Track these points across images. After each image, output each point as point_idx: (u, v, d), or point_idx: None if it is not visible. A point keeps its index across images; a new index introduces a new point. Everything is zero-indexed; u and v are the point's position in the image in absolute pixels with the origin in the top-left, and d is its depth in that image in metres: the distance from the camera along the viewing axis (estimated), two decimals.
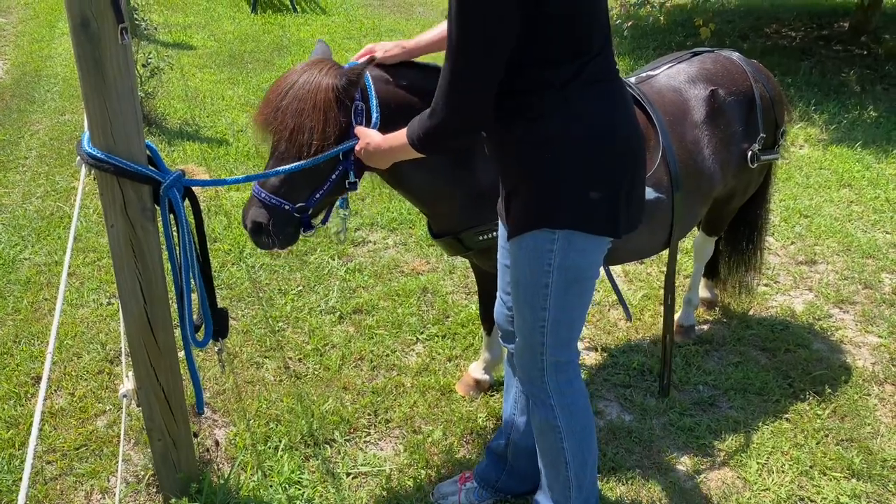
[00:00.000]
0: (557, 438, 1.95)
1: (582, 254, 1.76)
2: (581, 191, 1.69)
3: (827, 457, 2.56)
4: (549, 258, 1.74)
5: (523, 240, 1.77)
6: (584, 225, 1.71)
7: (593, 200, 1.69)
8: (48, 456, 2.49)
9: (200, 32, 8.36)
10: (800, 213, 4.30)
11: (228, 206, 4.25)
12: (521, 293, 1.85)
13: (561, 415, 1.93)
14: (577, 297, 1.82)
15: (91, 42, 1.66)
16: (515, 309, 1.90)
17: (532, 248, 1.76)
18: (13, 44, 7.81)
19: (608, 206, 1.71)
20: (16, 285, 3.46)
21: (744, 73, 2.62)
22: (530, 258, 1.77)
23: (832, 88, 6.57)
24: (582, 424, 1.96)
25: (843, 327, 3.31)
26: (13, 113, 5.76)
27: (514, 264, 1.83)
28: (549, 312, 1.81)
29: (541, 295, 1.79)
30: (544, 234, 1.72)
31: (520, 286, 1.84)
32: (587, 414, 1.98)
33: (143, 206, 1.86)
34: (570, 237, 1.72)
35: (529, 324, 1.86)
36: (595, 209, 1.70)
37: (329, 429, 2.65)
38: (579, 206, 1.69)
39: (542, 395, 1.93)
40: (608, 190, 1.70)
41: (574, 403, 1.94)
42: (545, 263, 1.75)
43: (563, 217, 1.70)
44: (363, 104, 2.01)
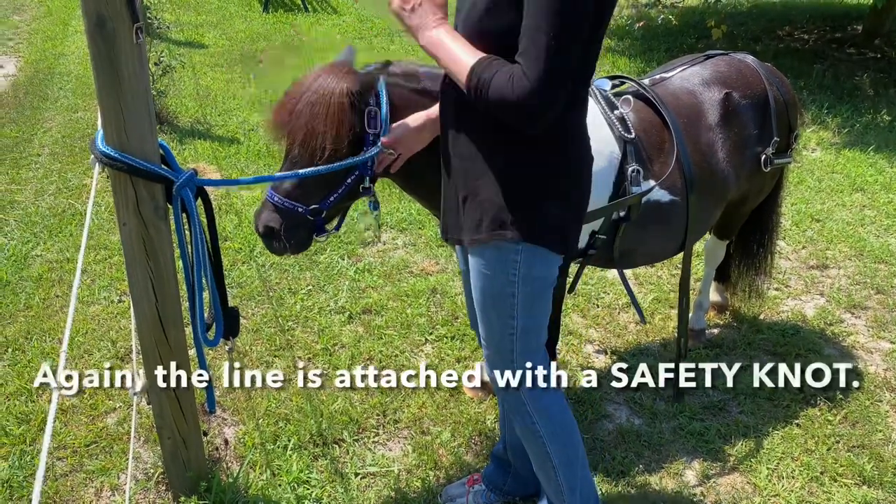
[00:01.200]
0: (540, 443, 1.95)
1: (546, 266, 1.76)
2: (541, 203, 1.68)
3: (838, 463, 2.55)
4: (514, 269, 1.73)
5: (486, 249, 1.74)
6: (550, 242, 1.71)
7: (553, 215, 1.69)
8: (59, 452, 2.51)
9: (212, 31, 8.39)
10: (811, 218, 4.28)
11: (239, 204, 4.27)
12: (488, 303, 1.82)
13: (539, 419, 1.92)
14: (542, 303, 1.82)
15: (106, 42, 1.67)
16: (481, 319, 1.87)
17: (496, 258, 1.73)
18: (27, 41, 7.86)
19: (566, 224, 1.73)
20: (28, 282, 3.48)
21: (758, 76, 2.61)
22: (494, 268, 1.75)
23: (845, 92, 6.53)
24: (561, 426, 1.95)
25: (854, 333, 3.29)
26: (26, 110, 5.80)
27: (476, 274, 1.80)
28: (518, 321, 1.80)
29: (507, 305, 1.78)
30: (508, 245, 1.70)
31: (485, 296, 1.81)
32: (565, 415, 1.97)
33: (155, 204, 1.87)
34: (534, 250, 1.71)
35: (498, 333, 1.84)
36: (552, 224, 1.70)
37: (338, 429, 2.65)
38: (547, 221, 1.70)
39: (518, 403, 1.92)
40: (569, 208, 1.73)
41: (550, 406, 1.93)
42: (510, 274, 1.73)
43: (532, 232, 1.69)
44: (377, 109, 2.01)
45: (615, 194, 2.23)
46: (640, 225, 2.31)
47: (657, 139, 2.33)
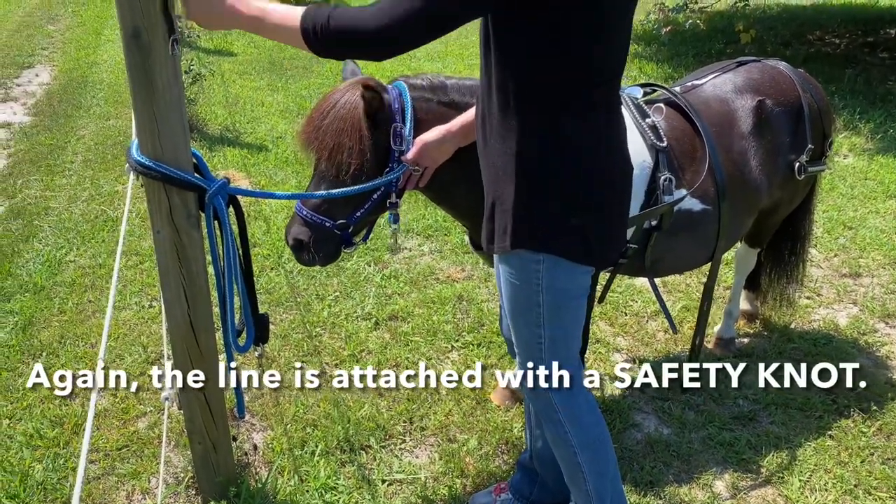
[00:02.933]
0: (572, 453, 1.93)
1: (570, 277, 1.74)
2: (570, 217, 1.67)
3: (872, 476, 2.50)
4: (537, 277, 1.72)
5: (511, 257, 1.74)
6: (570, 253, 1.70)
7: (573, 228, 1.67)
8: (91, 456, 2.54)
9: (241, 39, 8.50)
10: (844, 225, 4.21)
11: (268, 211, 4.31)
12: (515, 311, 1.82)
13: (571, 429, 1.90)
14: (570, 314, 1.81)
15: (141, 52, 1.70)
16: (512, 326, 1.88)
17: (519, 266, 1.74)
18: (61, 51, 8.02)
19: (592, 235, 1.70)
20: (61, 287, 3.55)
21: (791, 82, 2.58)
22: (520, 277, 1.75)
23: (878, 97, 6.42)
24: (593, 436, 1.94)
25: (889, 342, 3.23)
26: (60, 118, 5.91)
27: (503, 282, 1.82)
28: (545, 330, 1.79)
29: (534, 313, 1.78)
30: (530, 255, 1.70)
31: (512, 303, 1.82)
32: (598, 425, 1.95)
33: (188, 212, 1.90)
34: (556, 261, 1.70)
35: (527, 340, 1.84)
36: (581, 237, 1.68)
37: (365, 435, 2.66)
38: (567, 232, 1.68)
39: (549, 411, 1.91)
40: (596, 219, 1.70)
41: (582, 415, 1.92)
42: (534, 282, 1.73)
43: (551, 242, 1.68)
44: (402, 125, 2.02)
45: (647, 203, 2.22)
46: (672, 234, 2.29)
47: (689, 147, 2.32)
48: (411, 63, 7.49)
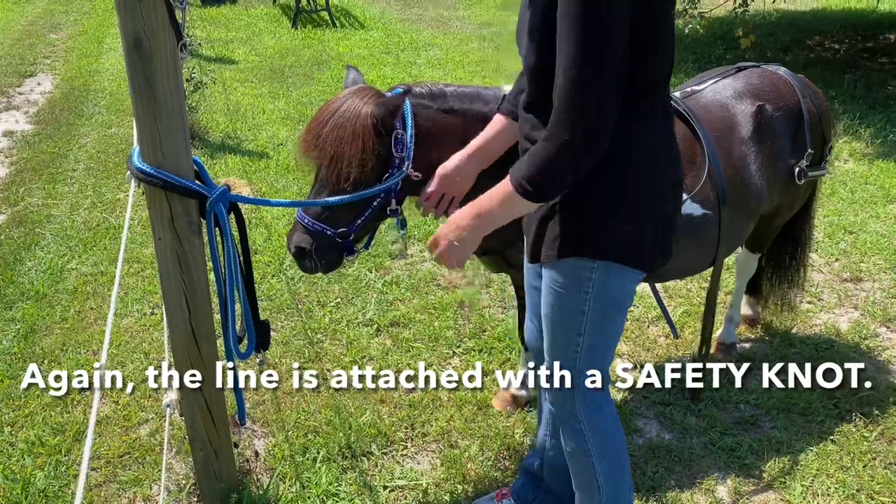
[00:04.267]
0: (589, 463, 1.92)
1: (620, 284, 1.73)
2: (626, 223, 1.65)
3: (875, 480, 2.49)
4: (588, 286, 1.70)
5: (561, 265, 1.72)
6: (627, 258, 1.68)
7: (637, 234, 1.66)
8: (93, 463, 2.54)
9: (242, 47, 8.53)
10: (844, 230, 4.21)
11: (269, 218, 4.32)
12: (556, 318, 1.80)
13: (592, 439, 1.89)
14: (613, 324, 1.79)
15: (143, 60, 1.71)
16: (547, 333, 1.85)
17: (570, 274, 1.72)
18: (63, 59, 8.05)
19: (650, 240, 1.69)
20: (63, 294, 3.55)
21: (791, 88, 2.58)
22: (568, 284, 1.73)
23: (878, 102, 6.43)
24: (613, 448, 1.92)
25: (890, 347, 3.22)
26: (62, 126, 5.93)
27: (548, 289, 1.79)
28: (584, 338, 1.77)
29: (577, 321, 1.76)
30: (584, 262, 1.69)
31: (554, 310, 1.80)
32: (619, 437, 1.94)
33: (189, 219, 1.90)
34: (609, 267, 1.69)
35: (562, 349, 1.82)
36: (637, 243, 1.67)
37: (366, 441, 2.66)
38: (623, 238, 1.66)
39: (573, 420, 1.89)
40: (653, 224, 1.68)
41: (605, 427, 1.90)
42: (583, 291, 1.71)
43: (608, 248, 1.66)
44: (403, 132, 2.03)
45: None
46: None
47: (689, 153, 2.32)
48: (412, 70, 7.51)
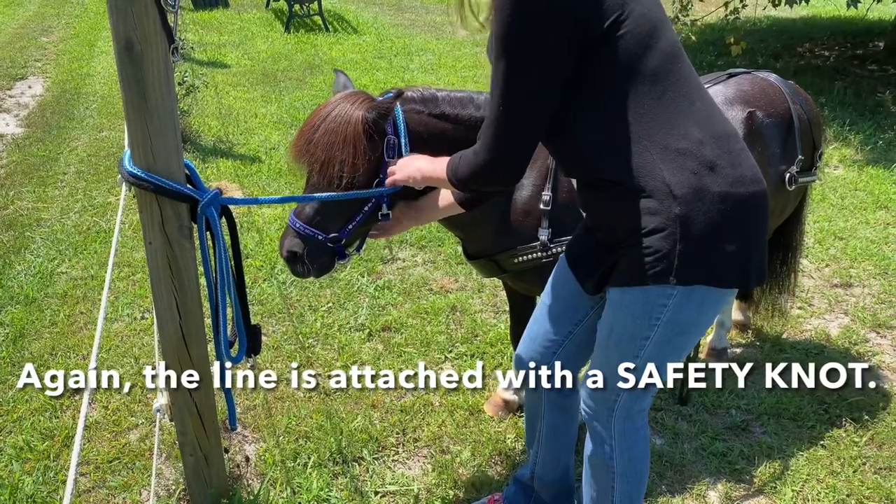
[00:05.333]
0: (609, 479, 1.88)
1: (699, 308, 1.64)
2: (716, 244, 1.56)
3: (864, 486, 2.50)
4: (661, 312, 1.62)
5: (631, 291, 1.64)
6: (715, 279, 1.60)
7: (726, 253, 1.57)
8: (82, 468, 2.53)
9: (234, 51, 8.52)
10: (834, 235, 4.24)
11: (261, 222, 4.31)
12: (614, 340, 1.73)
13: (619, 458, 1.85)
14: (676, 350, 1.72)
15: (134, 64, 1.70)
16: (601, 350, 1.79)
17: (642, 301, 1.63)
18: (54, 62, 8.02)
19: (740, 257, 1.59)
20: (53, 298, 3.53)
21: (781, 94, 2.60)
22: (636, 310, 1.65)
23: (867, 108, 6.48)
24: (637, 469, 1.89)
25: (880, 352, 3.24)
26: (53, 129, 5.91)
27: (613, 312, 1.71)
28: (639, 360, 1.70)
29: (637, 345, 1.69)
30: (662, 290, 1.59)
31: (613, 333, 1.72)
32: (645, 459, 1.90)
33: (180, 223, 1.89)
34: (692, 293, 1.60)
35: (613, 367, 1.75)
36: (726, 262, 1.58)
37: (357, 446, 2.65)
38: (713, 260, 1.58)
39: (605, 435, 1.85)
40: (740, 240, 1.59)
41: (634, 448, 1.86)
42: (654, 318, 1.63)
43: (694, 273, 1.57)
44: (395, 138, 2.02)
45: None
46: None
47: None
48: (405, 75, 7.51)
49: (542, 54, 1.49)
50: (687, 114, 1.57)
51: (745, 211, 1.59)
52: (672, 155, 1.54)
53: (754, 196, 1.61)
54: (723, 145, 1.59)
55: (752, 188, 1.61)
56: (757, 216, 1.63)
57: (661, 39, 1.57)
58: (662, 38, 1.57)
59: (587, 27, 1.49)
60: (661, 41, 1.56)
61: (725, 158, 1.58)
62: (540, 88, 1.53)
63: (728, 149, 1.60)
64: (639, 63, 1.54)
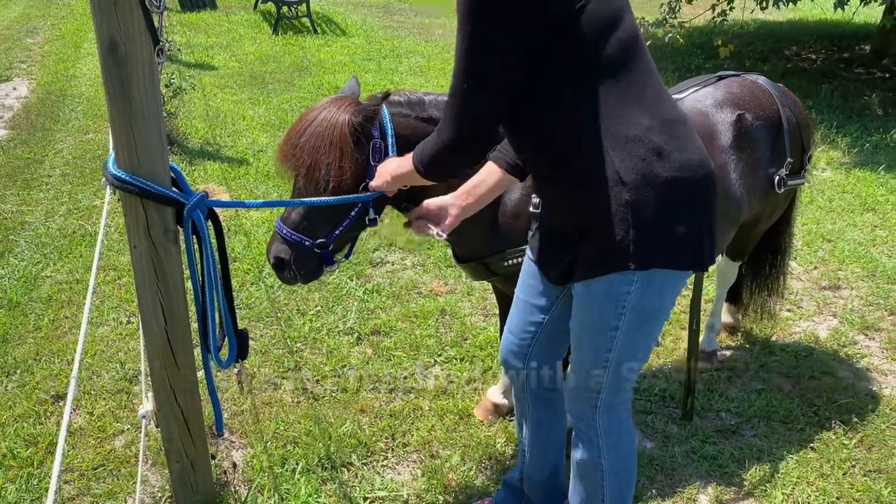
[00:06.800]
0: (598, 477, 1.88)
1: (661, 293, 1.67)
2: (667, 227, 1.60)
3: (854, 488, 2.50)
4: (625, 300, 1.65)
5: (595, 283, 1.66)
6: (671, 262, 1.63)
7: (678, 236, 1.61)
8: (66, 475, 2.49)
9: (222, 53, 8.47)
10: (823, 238, 4.25)
11: (248, 225, 4.27)
12: (585, 334, 1.75)
13: (606, 454, 1.86)
14: (646, 336, 1.74)
15: (118, 65, 1.68)
16: (575, 348, 1.81)
17: (606, 290, 1.65)
18: (39, 64, 7.95)
19: (692, 239, 1.63)
20: (37, 303, 3.49)
21: (770, 97, 2.60)
22: (602, 301, 1.67)
23: (854, 111, 6.52)
24: (625, 465, 1.89)
25: (868, 354, 3.25)
26: (38, 132, 5.85)
27: (581, 307, 1.73)
28: (614, 354, 1.72)
29: (608, 337, 1.71)
30: (623, 277, 1.62)
31: (584, 327, 1.75)
32: (632, 454, 1.91)
33: (166, 227, 1.87)
34: (651, 277, 1.62)
35: (589, 364, 1.77)
36: (679, 244, 1.62)
37: (346, 452, 2.62)
38: (666, 243, 1.61)
39: (591, 434, 1.85)
40: (691, 223, 1.63)
41: (620, 443, 1.87)
42: (619, 306, 1.66)
43: (650, 257, 1.60)
44: (381, 141, 2.01)
45: None
46: None
47: None
48: (394, 77, 7.50)
49: (507, 28, 1.48)
50: (637, 101, 1.58)
51: (693, 194, 1.63)
52: (622, 142, 1.56)
53: (703, 180, 1.65)
54: (670, 130, 1.61)
55: (700, 172, 1.64)
56: (706, 199, 1.67)
57: (619, 27, 1.56)
58: (621, 25, 1.57)
59: (550, 4, 1.48)
60: (619, 29, 1.56)
61: (673, 143, 1.60)
62: (503, 64, 1.51)
63: (675, 134, 1.62)
64: (595, 51, 1.53)
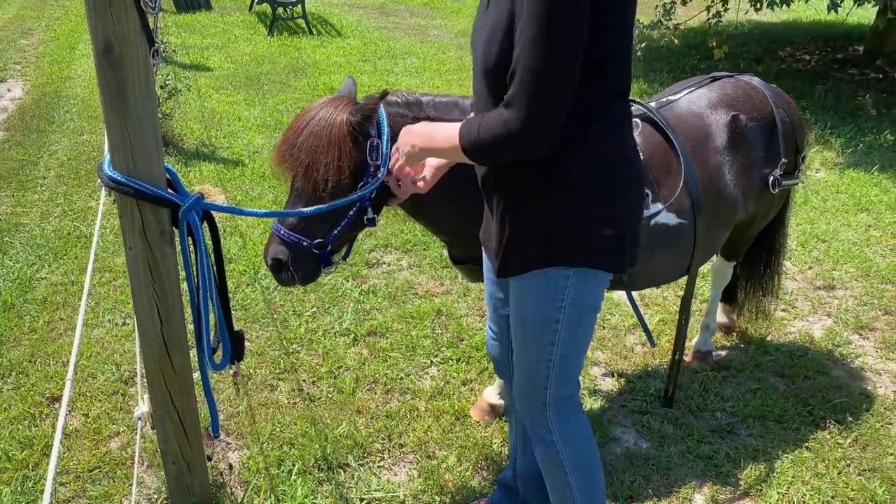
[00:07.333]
0: (562, 473, 1.90)
1: (594, 290, 1.74)
2: (600, 228, 1.66)
3: (849, 487, 2.51)
4: (563, 294, 1.70)
5: (533, 277, 1.71)
6: (601, 263, 1.69)
7: (609, 238, 1.67)
8: (62, 478, 2.48)
9: (217, 54, 8.46)
10: (817, 238, 4.27)
11: (244, 226, 4.27)
12: (528, 330, 1.78)
13: (564, 449, 1.88)
14: (585, 330, 1.79)
15: (113, 67, 1.68)
16: (518, 345, 1.83)
17: (544, 285, 1.70)
18: (34, 65, 7.93)
19: (621, 242, 1.70)
20: (32, 304, 3.48)
21: (764, 98, 2.61)
22: (541, 295, 1.72)
23: (848, 112, 6.54)
24: (586, 457, 1.91)
25: (863, 354, 3.26)
26: (33, 133, 5.83)
27: (520, 301, 1.77)
28: (558, 348, 1.76)
29: (550, 331, 1.75)
30: (559, 271, 1.68)
31: (526, 322, 1.78)
32: (590, 446, 1.93)
33: (161, 229, 1.87)
34: (585, 274, 1.69)
35: (534, 360, 1.80)
36: (610, 246, 1.68)
37: (342, 453, 2.62)
38: (598, 243, 1.67)
39: (544, 431, 1.88)
40: (623, 226, 1.70)
41: (576, 436, 1.89)
42: (558, 300, 1.70)
43: (584, 254, 1.66)
44: (378, 140, 2.00)
45: None
46: (649, 247, 2.30)
47: (664, 162, 2.33)
48: (389, 78, 7.50)
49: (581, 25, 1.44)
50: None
51: (623, 199, 1.69)
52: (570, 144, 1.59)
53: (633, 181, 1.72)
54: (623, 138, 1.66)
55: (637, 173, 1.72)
56: (634, 204, 1.73)
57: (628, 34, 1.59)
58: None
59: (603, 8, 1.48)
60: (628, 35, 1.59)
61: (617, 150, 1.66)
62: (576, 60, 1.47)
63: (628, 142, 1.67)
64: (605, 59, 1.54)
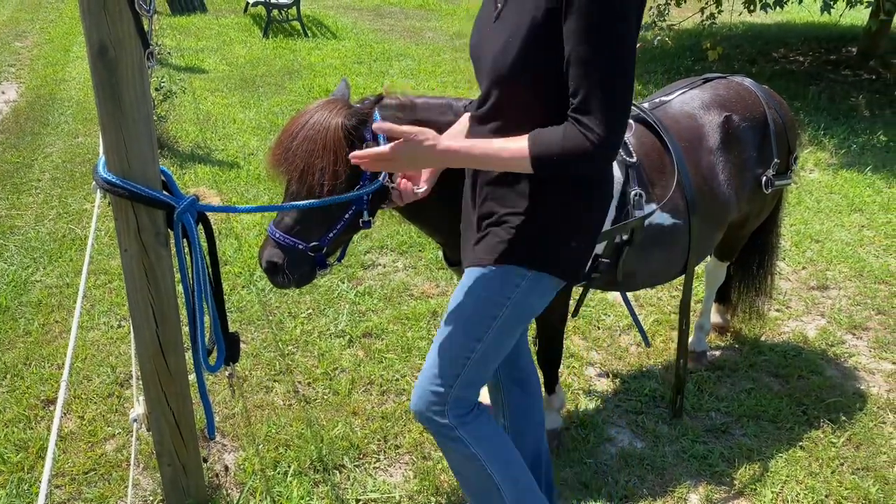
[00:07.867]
0: (479, 467, 1.85)
1: (542, 296, 1.76)
2: (567, 237, 1.69)
3: (843, 486, 2.53)
4: (511, 293, 1.71)
5: (492, 271, 1.72)
6: (557, 271, 1.71)
7: (572, 248, 1.70)
8: (57, 480, 2.48)
9: (212, 56, 8.46)
10: (811, 238, 4.29)
11: (239, 228, 4.27)
12: (462, 318, 1.76)
13: (473, 442, 1.83)
14: (513, 334, 1.79)
15: (108, 69, 1.68)
16: (445, 333, 1.79)
17: (498, 277, 1.71)
18: (28, 67, 7.91)
19: (581, 253, 1.73)
20: (27, 307, 3.47)
21: (757, 98, 2.63)
22: (491, 287, 1.72)
23: (841, 113, 6.58)
24: (498, 450, 1.87)
25: (856, 353, 3.28)
26: (27, 136, 5.82)
27: (467, 287, 1.76)
28: (482, 345, 1.75)
29: (483, 325, 1.74)
30: (516, 270, 1.70)
31: (465, 310, 1.76)
32: (499, 435, 1.89)
33: (156, 230, 1.87)
34: (540, 278, 1.71)
35: (455, 353, 1.76)
36: (572, 256, 1.71)
37: (338, 454, 2.63)
38: (562, 253, 1.70)
39: (446, 430, 1.82)
40: (589, 239, 1.74)
41: (480, 429, 1.85)
42: (505, 296, 1.71)
43: (543, 261, 1.69)
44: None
45: (618, 218, 2.24)
46: (643, 248, 2.32)
47: (658, 163, 2.35)
48: (384, 80, 7.50)
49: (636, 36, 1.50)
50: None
51: (589, 212, 1.72)
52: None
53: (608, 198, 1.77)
54: None
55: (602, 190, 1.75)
56: (600, 217, 1.76)
57: None
58: None
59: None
60: None
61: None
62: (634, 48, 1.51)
63: None
64: None
